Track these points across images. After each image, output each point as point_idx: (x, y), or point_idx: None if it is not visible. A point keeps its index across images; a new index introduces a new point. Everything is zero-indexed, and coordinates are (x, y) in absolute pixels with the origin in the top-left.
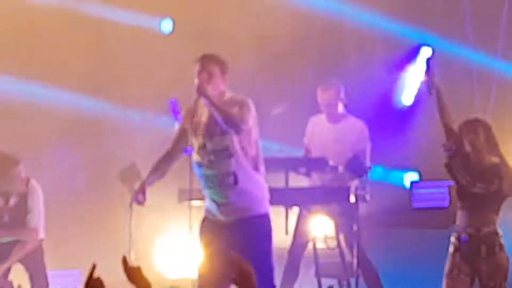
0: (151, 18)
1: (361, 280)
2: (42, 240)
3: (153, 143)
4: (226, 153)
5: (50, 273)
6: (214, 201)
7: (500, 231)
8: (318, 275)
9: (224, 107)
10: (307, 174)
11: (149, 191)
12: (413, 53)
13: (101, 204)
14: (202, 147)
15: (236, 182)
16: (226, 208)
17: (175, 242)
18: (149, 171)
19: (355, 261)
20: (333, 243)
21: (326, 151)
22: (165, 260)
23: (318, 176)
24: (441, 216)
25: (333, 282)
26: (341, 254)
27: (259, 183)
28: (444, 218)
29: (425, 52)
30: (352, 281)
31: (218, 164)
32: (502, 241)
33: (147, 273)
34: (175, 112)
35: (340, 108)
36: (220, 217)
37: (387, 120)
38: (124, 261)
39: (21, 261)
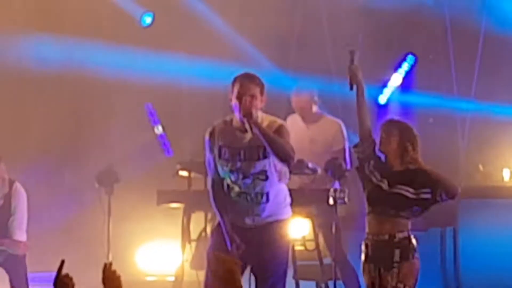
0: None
1: (340, 282)
2: (25, 243)
3: (131, 146)
4: (262, 176)
5: (29, 275)
6: (239, 212)
7: (412, 236)
8: (296, 277)
9: (273, 136)
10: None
11: (128, 193)
12: (400, 61)
13: (80, 205)
14: (238, 170)
15: (268, 200)
16: (255, 218)
17: (155, 244)
18: (220, 215)
19: (333, 263)
20: (311, 245)
21: (302, 152)
22: (145, 262)
23: (297, 178)
24: (420, 218)
25: (312, 284)
26: (319, 256)
27: (284, 191)
28: (423, 220)
29: (410, 60)
30: (331, 283)
31: (253, 186)
32: (415, 246)
33: (126, 275)
34: (152, 115)
35: (315, 108)
36: (246, 223)
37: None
38: (105, 269)
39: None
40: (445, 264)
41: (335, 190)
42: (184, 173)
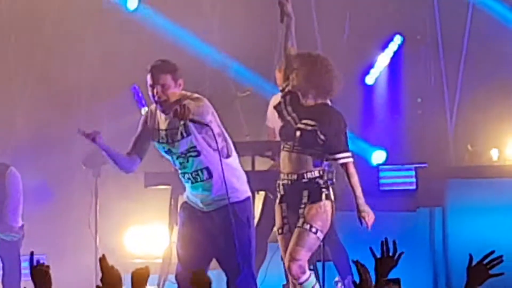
0: None
1: (330, 263)
2: (20, 228)
3: (119, 129)
4: (193, 153)
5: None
6: (193, 194)
7: (325, 178)
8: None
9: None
10: (273, 158)
11: (115, 175)
12: (387, 40)
13: (67, 188)
14: (168, 151)
15: (210, 175)
16: (205, 199)
17: (143, 226)
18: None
19: (322, 244)
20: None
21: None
22: (133, 244)
23: None
24: (409, 198)
25: None
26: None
27: (233, 169)
28: (412, 201)
29: (397, 40)
30: (319, 264)
31: (189, 163)
32: (328, 189)
33: (114, 257)
34: (139, 97)
35: None
36: (201, 207)
37: (354, 97)
38: (102, 261)
39: None
40: (434, 243)
41: (323, 170)
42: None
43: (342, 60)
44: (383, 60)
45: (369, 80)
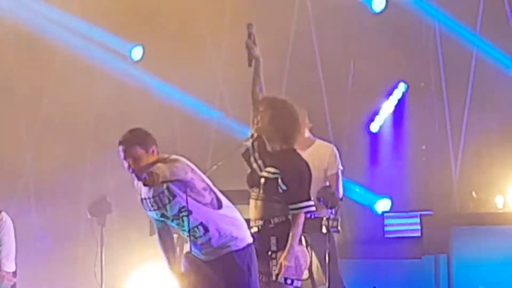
0: (123, 43)
1: None
2: (14, 274)
3: (124, 178)
4: (184, 213)
5: None
6: (194, 247)
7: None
8: None
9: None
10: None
11: (120, 225)
12: (392, 88)
13: (72, 237)
14: (162, 216)
15: (206, 229)
16: (205, 251)
17: (148, 275)
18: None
19: None
20: (305, 274)
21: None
22: None
23: None
24: (414, 245)
25: None
26: (313, 285)
27: (228, 218)
28: (417, 248)
29: (401, 87)
30: None
31: (184, 223)
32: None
33: None
34: None
35: (307, 133)
36: (203, 257)
37: (359, 144)
38: None
39: None
40: None
41: (328, 219)
42: None
43: (347, 107)
44: (387, 107)
45: (374, 127)
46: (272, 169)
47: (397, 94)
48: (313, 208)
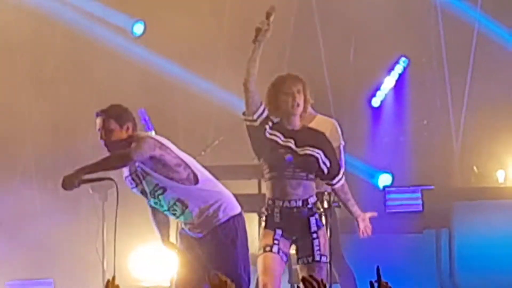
0: (125, 18)
1: (336, 285)
2: None
3: None
4: (159, 190)
5: (22, 282)
6: (183, 225)
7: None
8: (291, 281)
9: (97, 163)
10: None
11: (121, 200)
12: (393, 63)
13: (74, 212)
14: (142, 193)
15: (185, 205)
16: (190, 228)
17: (150, 252)
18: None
19: (329, 266)
20: None
21: None
22: (141, 269)
23: None
24: (416, 220)
25: None
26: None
27: (208, 192)
28: (418, 222)
29: (403, 62)
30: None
31: (161, 201)
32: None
33: (122, 281)
34: (146, 121)
35: (308, 108)
36: (191, 234)
37: (360, 119)
38: (111, 283)
39: None
40: (440, 265)
41: (329, 193)
42: None
43: (348, 83)
44: (389, 82)
45: (375, 102)
46: (310, 148)
47: (399, 69)
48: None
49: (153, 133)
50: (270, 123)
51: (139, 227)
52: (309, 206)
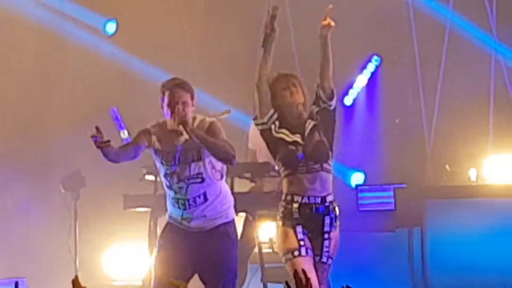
0: (97, 18)
1: None
2: None
3: (96, 153)
4: (199, 179)
5: None
6: (182, 217)
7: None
8: (264, 280)
9: (212, 140)
10: (252, 180)
11: (95, 197)
12: (365, 61)
13: (46, 211)
14: (173, 174)
15: (206, 199)
16: (198, 221)
17: (124, 250)
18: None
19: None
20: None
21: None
22: (113, 267)
23: (265, 181)
24: (388, 219)
25: (280, 287)
26: None
27: (225, 191)
28: (390, 221)
29: (375, 61)
30: None
31: (190, 189)
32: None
33: (93, 279)
34: (118, 120)
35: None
36: (192, 227)
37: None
38: (74, 282)
39: None
40: (412, 264)
41: (281, 192)
42: (150, 177)
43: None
44: (361, 81)
45: (348, 101)
46: (316, 135)
47: (371, 67)
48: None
49: (125, 132)
50: (277, 122)
51: (113, 226)
52: (326, 204)
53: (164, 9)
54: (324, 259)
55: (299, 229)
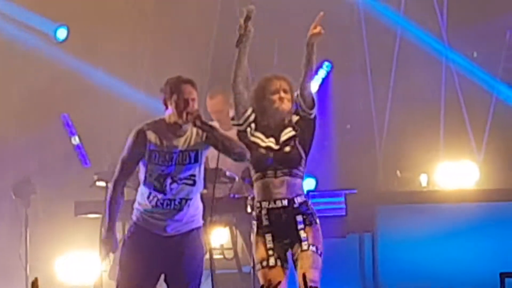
0: (48, 23)
1: None
2: None
3: (46, 159)
4: (191, 181)
5: None
6: (157, 219)
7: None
8: (214, 286)
9: (226, 135)
10: (203, 185)
11: (45, 204)
12: (316, 67)
13: None
14: (168, 175)
15: (189, 206)
16: (171, 226)
17: (74, 256)
18: (108, 215)
19: (252, 271)
20: (230, 254)
21: (223, 158)
22: (64, 273)
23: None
24: (339, 224)
25: None
26: (238, 265)
27: (198, 197)
28: (341, 227)
29: (326, 67)
30: None
31: (180, 191)
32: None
33: (45, 286)
34: (69, 126)
35: (231, 113)
36: (165, 232)
37: None
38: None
39: None
40: (364, 270)
41: (252, 198)
42: (101, 183)
43: None
44: (312, 87)
45: None
46: (289, 142)
47: (322, 73)
48: None
49: (76, 139)
50: (253, 125)
51: (66, 233)
52: (295, 205)
53: (115, 15)
54: (305, 247)
55: (268, 237)
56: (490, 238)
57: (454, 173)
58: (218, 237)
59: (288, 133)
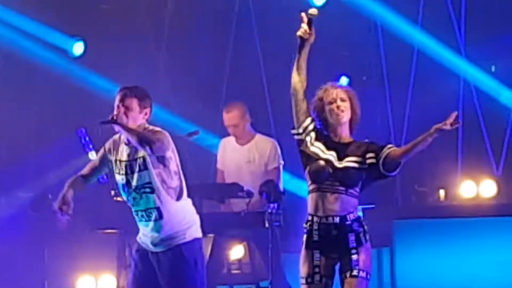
0: (64, 38)
1: None
2: None
3: (66, 172)
4: (147, 189)
5: None
6: (144, 234)
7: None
8: None
9: (136, 130)
10: (221, 201)
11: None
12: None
13: (16, 232)
14: (125, 184)
15: (160, 216)
16: (154, 240)
17: (90, 270)
18: (67, 185)
19: (270, 286)
20: (247, 269)
21: (240, 172)
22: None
23: (233, 202)
24: None
25: None
26: (256, 280)
27: (184, 212)
28: None
29: (343, 81)
30: None
31: (142, 200)
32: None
33: None
34: (86, 141)
35: (247, 127)
36: (151, 247)
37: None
38: None
39: None
40: (382, 284)
41: (270, 213)
42: (119, 198)
43: (289, 102)
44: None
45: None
46: (352, 160)
47: None
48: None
49: (93, 154)
50: (314, 134)
51: (83, 248)
52: (348, 222)
53: (131, 29)
54: (355, 272)
55: (316, 254)
56: (508, 253)
57: (472, 187)
58: (236, 252)
59: (353, 162)
